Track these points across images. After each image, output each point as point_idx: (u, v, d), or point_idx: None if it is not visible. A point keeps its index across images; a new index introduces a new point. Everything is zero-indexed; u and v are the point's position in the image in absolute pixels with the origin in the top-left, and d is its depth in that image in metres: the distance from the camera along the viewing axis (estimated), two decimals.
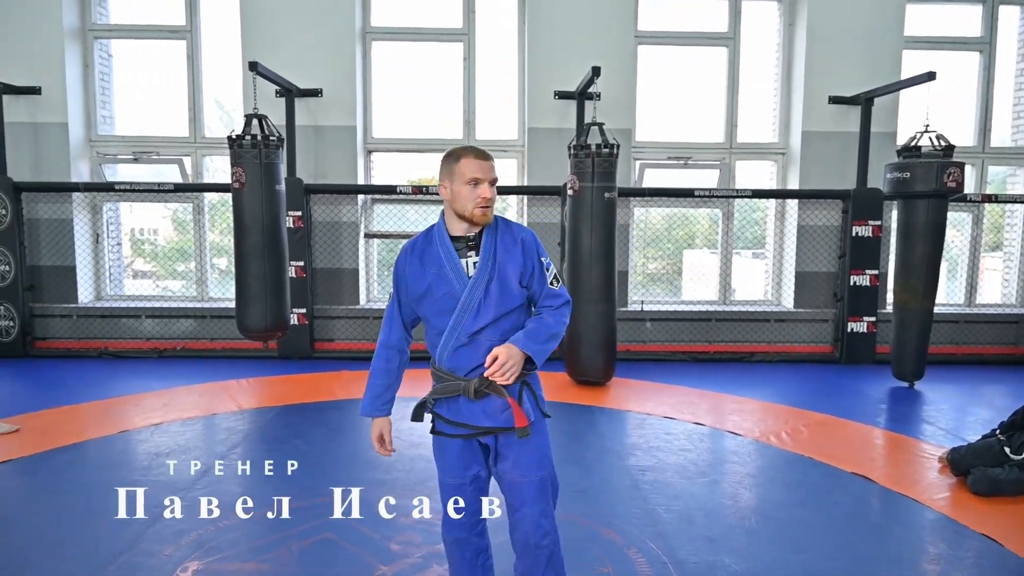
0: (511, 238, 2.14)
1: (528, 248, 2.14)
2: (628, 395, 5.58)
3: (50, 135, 6.86)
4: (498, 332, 2.10)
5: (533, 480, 2.14)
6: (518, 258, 2.11)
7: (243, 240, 5.58)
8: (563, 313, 2.16)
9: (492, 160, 2.12)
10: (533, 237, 2.18)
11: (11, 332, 6.69)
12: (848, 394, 5.76)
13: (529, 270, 2.13)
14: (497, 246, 2.12)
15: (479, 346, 2.09)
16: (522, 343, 2.05)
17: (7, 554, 2.93)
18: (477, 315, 2.08)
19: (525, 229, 2.20)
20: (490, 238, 2.13)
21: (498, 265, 2.10)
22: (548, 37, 6.82)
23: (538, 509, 2.14)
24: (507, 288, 2.10)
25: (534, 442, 2.15)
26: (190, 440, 4.39)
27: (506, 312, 2.11)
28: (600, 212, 5.61)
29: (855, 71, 6.81)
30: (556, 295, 2.16)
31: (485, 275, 2.09)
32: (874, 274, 6.74)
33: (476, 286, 2.09)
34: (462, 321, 2.09)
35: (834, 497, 3.64)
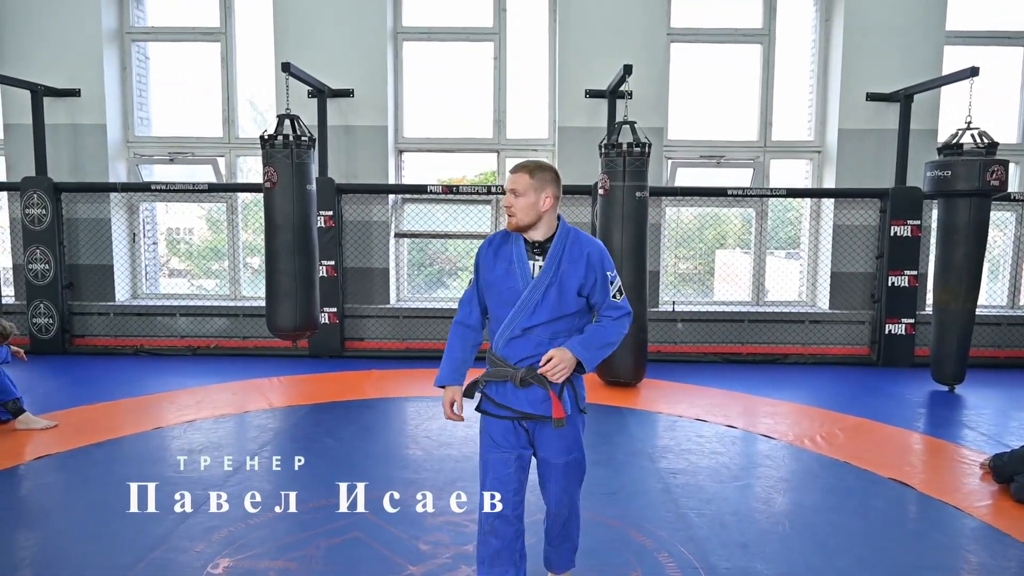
0: (579, 251, 2.30)
1: (592, 262, 2.29)
2: (659, 396, 5.52)
3: (89, 136, 7.02)
4: (549, 331, 2.30)
5: (560, 463, 2.38)
6: (580, 270, 2.28)
7: (274, 239, 5.64)
8: (622, 323, 2.34)
9: (518, 173, 2.30)
10: (601, 252, 2.34)
11: (50, 329, 6.86)
12: (885, 397, 5.62)
13: (591, 282, 2.30)
14: (563, 256, 2.30)
15: (531, 340, 2.29)
16: (576, 349, 2.24)
17: (45, 547, 2.99)
18: (533, 314, 2.28)
19: (595, 243, 2.35)
20: (558, 247, 2.31)
21: (560, 274, 2.28)
22: (579, 35, 6.78)
23: (560, 486, 2.41)
24: (565, 296, 2.28)
25: (568, 432, 2.36)
26: (222, 437, 4.44)
27: (560, 316, 2.29)
28: (631, 212, 5.55)
29: (894, 67, 6.64)
30: (617, 307, 2.33)
31: (547, 280, 2.28)
32: (913, 275, 6.56)
33: (536, 288, 2.28)
34: (519, 317, 2.29)
35: (871, 503, 3.54)
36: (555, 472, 2.39)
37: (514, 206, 2.27)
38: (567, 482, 2.41)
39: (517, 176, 2.28)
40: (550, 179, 2.30)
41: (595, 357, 2.27)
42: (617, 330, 2.32)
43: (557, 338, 2.30)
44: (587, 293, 2.31)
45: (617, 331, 2.32)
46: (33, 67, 6.81)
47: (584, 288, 2.29)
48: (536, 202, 2.27)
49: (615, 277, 2.33)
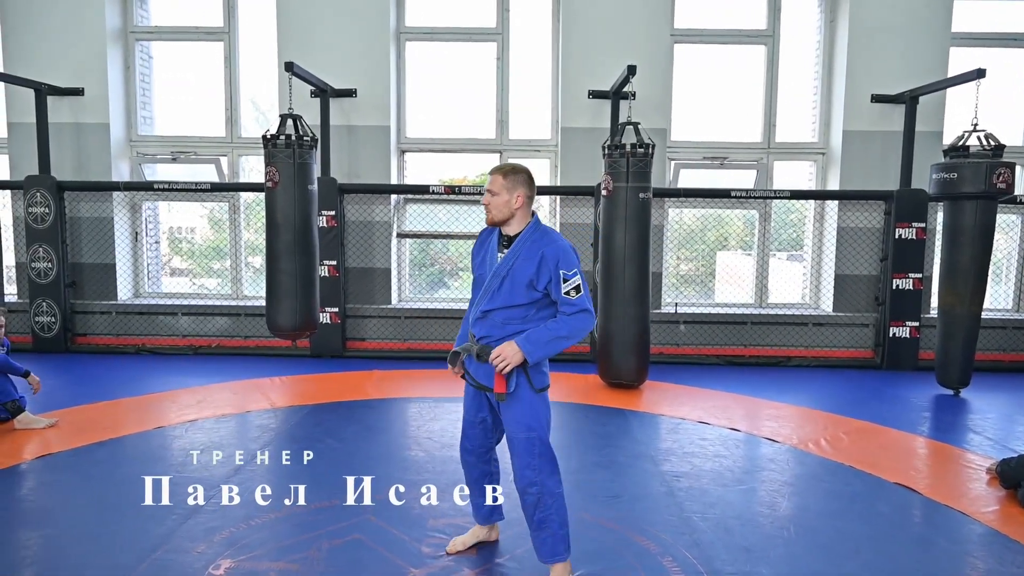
0: (535, 249, 2.54)
1: (546, 261, 2.52)
2: (661, 399, 5.49)
3: (92, 135, 7.01)
4: (503, 316, 2.59)
5: (521, 438, 2.59)
6: (532, 268, 2.52)
7: (275, 239, 5.63)
8: (578, 319, 2.51)
9: (494, 175, 2.60)
10: (556, 252, 2.52)
11: (52, 328, 6.85)
12: (890, 401, 5.59)
13: (545, 279, 2.52)
14: (521, 253, 2.57)
15: (488, 322, 2.61)
16: (522, 343, 2.49)
17: (46, 547, 2.98)
18: (490, 300, 2.60)
19: (553, 244, 2.55)
20: (519, 244, 2.59)
21: (513, 268, 2.56)
22: (582, 36, 6.76)
23: (522, 461, 2.60)
24: (516, 288, 2.55)
25: (525, 408, 2.60)
26: (224, 437, 4.42)
27: (512, 305, 2.57)
28: (634, 213, 5.53)
29: (899, 68, 6.62)
30: (570, 303, 2.52)
31: (503, 271, 2.58)
32: (918, 278, 6.53)
33: (495, 277, 2.59)
34: (482, 300, 2.62)
35: (876, 508, 3.52)
36: (515, 447, 2.62)
37: (490, 204, 2.60)
38: (529, 458, 2.59)
39: (493, 178, 2.59)
40: (522, 181, 2.59)
41: (539, 351, 2.50)
42: (570, 326, 2.51)
43: (510, 323, 2.57)
44: (542, 288, 2.53)
45: (569, 327, 2.51)
46: (37, 66, 6.80)
47: (537, 283, 2.52)
48: (509, 200, 2.57)
49: (572, 275, 2.51)
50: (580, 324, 2.51)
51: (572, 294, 2.51)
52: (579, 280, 2.52)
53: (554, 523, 2.61)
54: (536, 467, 2.59)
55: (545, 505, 2.60)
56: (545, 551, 2.65)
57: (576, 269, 2.53)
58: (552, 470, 2.62)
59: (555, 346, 2.51)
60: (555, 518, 2.61)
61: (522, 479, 2.60)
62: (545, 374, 2.65)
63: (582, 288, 2.53)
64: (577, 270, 2.53)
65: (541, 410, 2.62)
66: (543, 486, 2.59)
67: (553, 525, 2.61)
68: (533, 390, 2.59)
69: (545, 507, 2.60)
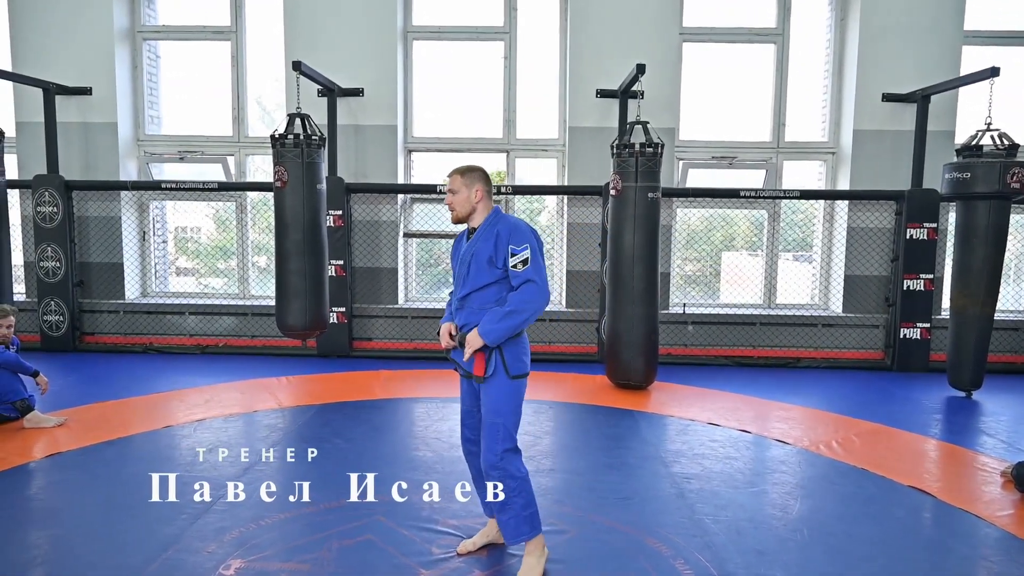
0: (492, 230, 2.72)
1: (500, 237, 2.68)
2: (670, 400, 5.46)
3: (100, 134, 7.02)
4: (479, 300, 2.72)
5: (487, 422, 2.72)
6: (490, 246, 2.69)
7: (284, 238, 5.61)
8: (524, 292, 2.64)
9: (452, 176, 2.80)
10: (511, 228, 2.69)
11: (61, 327, 6.86)
12: (901, 403, 5.54)
13: (502, 255, 2.67)
14: (480, 236, 2.74)
15: (467, 309, 2.76)
16: (480, 327, 2.65)
17: (55, 546, 2.96)
18: (463, 285, 2.76)
19: (508, 223, 2.72)
20: (480, 230, 2.76)
21: (475, 251, 2.72)
22: (590, 35, 6.73)
23: (487, 444, 2.71)
24: (480, 268, 2.70)
25: (495, 393, 2.71)
26: (232, 437, 4.41)
27: (480, 286, 2.71)
28: (643, 212, 5.50)
29: (911, 67, 6.57)
30: (516, 275, 2.65)
31: (467, 256, 2.74)
32: (929, 278, 6.48)
33: (463, 263, 2.77)
34: (457, 289, 2.81)
35: (889, 511, 3.48)
36: (484, 429, 2.73)
37: (453, 202, 2.78)
38: (493, 442, 2.69)
39: (452, 178, 2.78)
40: (478, 177, 2.78)
41: (494, 330, 2.61)
42: (517, 300, 2.62)
43: (485, 306, 2.70)
44: (501, 264, 2.67)
45: (517, 300, 2.62)
46: (45, 65, 6.81)
47: (496, 259, 2.67)
48: (469, 196, 2.76)
49: (521, 250, 2.64)
50: (528, 296, 2.61)
51: (519, 267, 2.64)
52: (528, 254, 2.63)
53: (516, 505, 2.69)
54: (498, 452, 2.68)
55: (508, 487, 2.68)
56: (508, 532, 2.72)
57: (527, 244, 2.64)
58: (514, 455, 2.71)
59: (508, 322, 2.61)
60: (518, 500, 2.69)
61: (485, 461, 2.71)
62: (523, 362, 2.74)
63: (531, 261, 2.63)
64: (528, 245, 2.64)
65: (511, 397, 2.72)
66: (504, 470, 2.68)
67: (516, 507, 2.69)
68: (508, 376, 2.69)
69: (507, 488, 2.68)
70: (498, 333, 2.62)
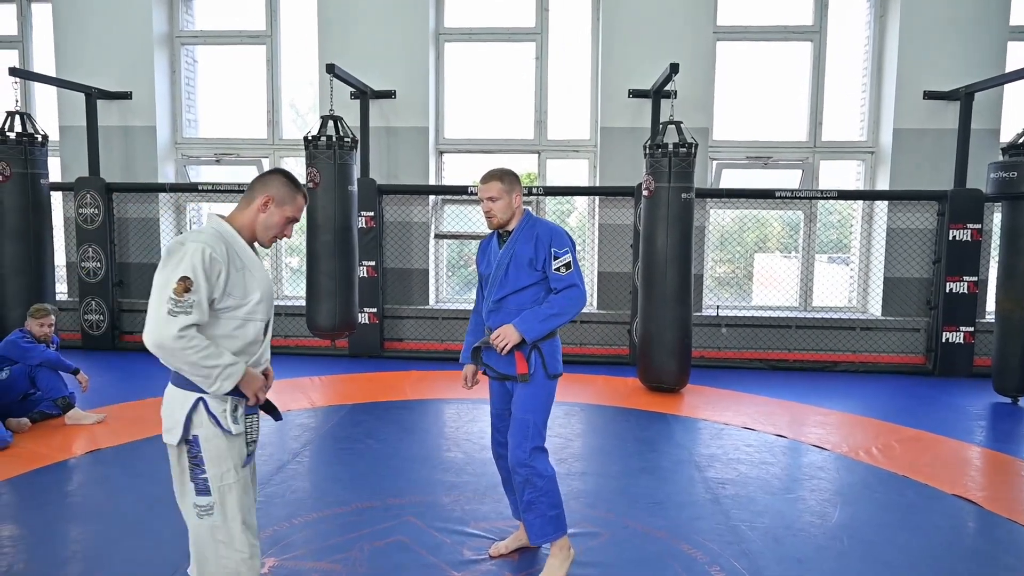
0: (530, 233, 2.72)
1: (540, 240, 2.69)
2: (703, 403, 5.38)
3: (139, 138, 7.18)
4: (516, 302, 2.71)
5: (518, 418, 2.69)
6: (530, 247, 2.69)
7: (315, 239, 5.67)
8: (566, 296, 2.66)
9: (491, 182, 2.71)
10: (550, 232, 2.71)
11: (101, 326, 7.02)
12: (944, 408, 5.38)
13: (542, 257, 2.68)
14: (518, 239, 2.73)
15: (503, 312, 2.73)
16: (517, 323, 2.64)
17: (96, 541, 3.02)
18: (499, 287, 2.73)
19: (549, 227, 2.74)
20: (516, 233, 2.74)
21: (514, 253, 2.71)
22: (623, 34, 6.68)
23: (515, 441, 2.68)
24: (520, 269, 2.70)
25: (532, 391, 2.70)
26: (265, 436, 4.45)
27: (521, 287, 2.70)
28: (676, 213, 5.43)
29: (953, 64, 6.39)
30: (560, 279, 2.67)
31: (506, 258, 2.72)
32: (973, 281, 6.28)
33: (500, 265, 2.73)
34: (492, 291, 2.76)
35: (932, 519, 3.37)
36: (513, 426, 2.70)
37: (492, 209, 2.71)
38: (523, 439, 2.66)
39: (490, 185, 2.71)
40: (517, 181, 2.75)
41: (534, 328, 2.63)
42: (561, 303, 2.65)
43: (523, 308, 2.69)
44: (540, 266, 2.68)
45: (561, 303, 2.65)
46: (87, 71, 6.99)
47: (536, 262, 2.68)
48: (510, 202, 2.72)
49: (563, 253, 2.67)
50: (569, 300, 2.65)
51: (562, 270, 2.66)
52: (570, 258, 2.67)
53: (543, 504, 2.66)
54: (527, 449, 2.66)
55: (534, 486, 2.65)
56: (534, 532, 2.70)
57: (567, 248, 2.68)
58: (542, 454, 2.70)
59: (549, 324, 2.64)
60: (544, 500, 2.66)
61: (513, 458, 2.69)
62: (558, 361, 2.77)
63: (572, 265, 2.67)
64: (568, 249, 2.68)
65: (545, 396, 2.72)
66: (532, 468, 2.66)
67: (542, 506, 2.66)
68: (546, 375, 2.70)
69: (534, 487, 2.65)
70: (538, 332, 2.64)
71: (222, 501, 2.05)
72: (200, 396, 2.03)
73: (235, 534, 2.05)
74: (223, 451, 2.05)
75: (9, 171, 6.11)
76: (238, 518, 2.06)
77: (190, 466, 2.07)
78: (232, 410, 2.05)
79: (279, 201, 2.12)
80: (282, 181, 2.14)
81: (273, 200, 2.11)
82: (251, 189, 2.14)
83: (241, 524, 2.07)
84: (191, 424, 2.05)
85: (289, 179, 2.16)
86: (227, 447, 2.05)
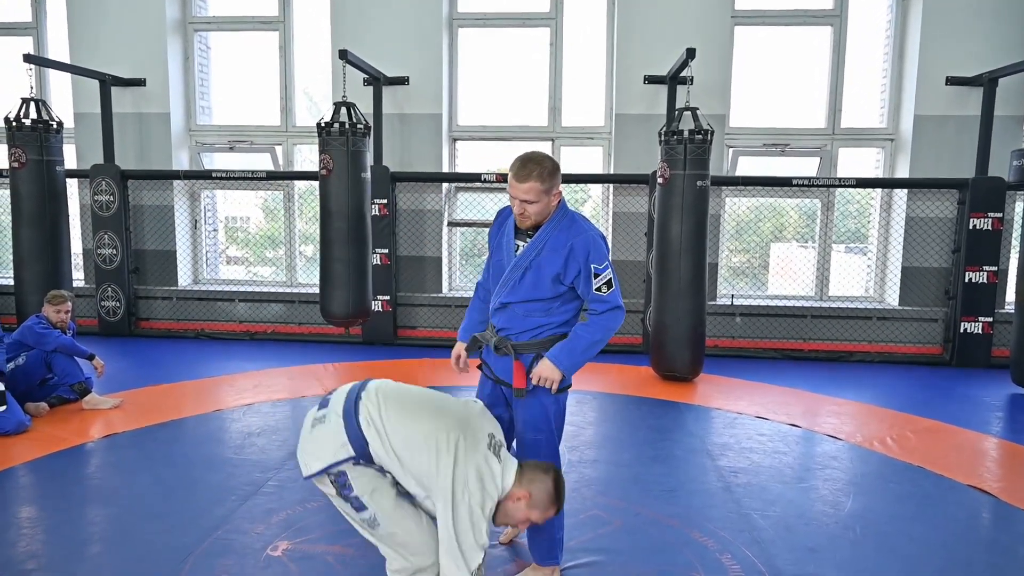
0: (564, 240, 2.34)
1: (576, 253, 2.33)
2: (717, 392, 5.35)
3: (153, 125, 7.20)
4: (524, 309, 2.43)
5: (528, 439, 2.49)
6: (559, 261, 2.33)
7: (328, 227, 5.68)
8: (609, 318, 2.37)
9: (529, 182, 2.28)
10: (588, 243, 2.34)
11: (118, 312, 7.08)
12: (961, 399, 5.32)
13: (574, 273, 2.35)
14: (546, 244, 2.36)
15: (508, 313, 2.45)
16: (560, 360, 2.35)
17: (114, 524, 3.06)
18: (511, 292, 2.42)
19: (585, 234, 2.36)
20: (544, 234, 2.37)
21: (539, 260, 2.36)
22: (639, 20, 6.60)
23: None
24: (541, 282, 2.37)
25: (537, 408, 2.45)
26: (280, 421, 4.49)
27: (535, 299, 2.40)
28: (691, 201, 5.38)
29: (977, 49, 6.25)
30: (602, 300, 2.36)
31: (524, 263, 2.39)
32: (992, 271, 6.18)
33: (516, 269, 2.40)
34: (501, 291, 2.45)
35: (949, 511, 3.34)
36: (521, 447, 2.51)
37: (527, 211, 2.34)
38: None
39: (529, 186, 2.28)
40: (556, 174, 2.34)
41: (578, 363, 2.38)
42: (603, 326, 2.37)
43: (531, 315, 2.42)
44: (569, 283, 2.37)
45: (603, 328, 2.37)
46: (101, 57, 7.00)
47: (564, 277, 2.35)
48: (548, 203, 2.35)
49: (603, 270, 2.35)
50: (613, 324, 2.38)
51: (604, 290, 2.35)
52: (611, 274, 2.37)
53: (552, 527, 2.51)
54: None
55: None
56: (541, 554, 2.59)
57: (607, 262, 2.38)
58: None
59: (591, 352, 2.38)
60: (554, 522, 2.49)
61: None
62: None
63: (614, 283, 2.38)
64: (608, 263, 2.38)
65: (554, 413, 2.49)
66: None
67: (551, 529, 2.51)
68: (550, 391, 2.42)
69: None
70: (580, 364, 2.38)
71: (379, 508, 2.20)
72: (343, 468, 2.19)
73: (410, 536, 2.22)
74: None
75: (25, 158, 6.15)
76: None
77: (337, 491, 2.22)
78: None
79: (534, 504, 2.21)
80: (550, 490, 2.23)
81: (529, 499, 2.20)
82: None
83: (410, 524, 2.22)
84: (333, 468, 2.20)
85: (558, 490, 2.25)
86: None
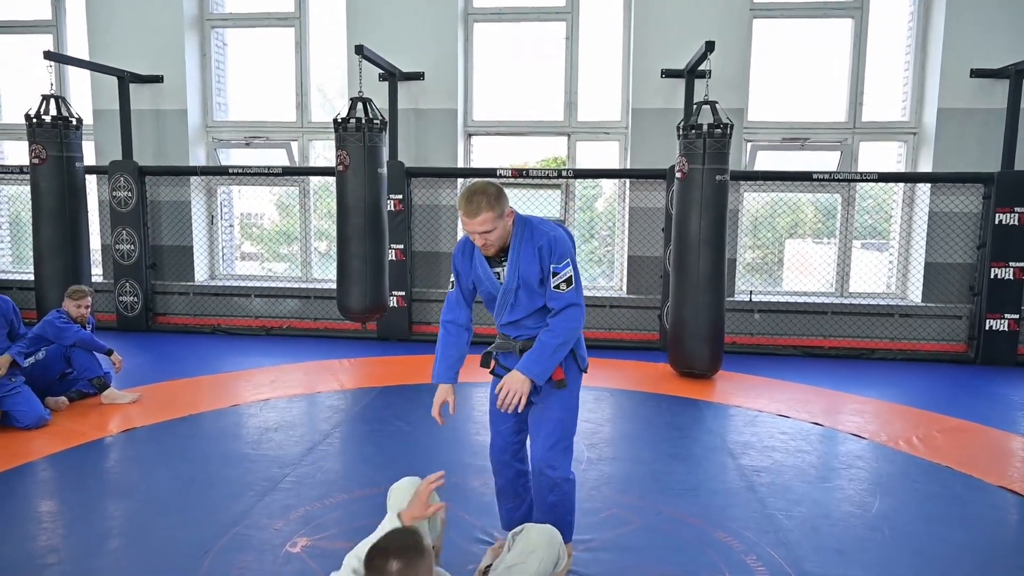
0: (532, 247, 2.42)
1: (543, 254, 2.41)
2: (736, 389, 5.28)
3: (171, 121, 7.22)
4: (532, 320, 2.50)
5: (551, 418, 2.50)
6: (535, 267, 2.42)
7: (345, 222, 5.66)
8: (567, 317, 2.41)
9: (481, 215, 2.31)
10: (552, 241, 2.41)
11: (135, 307, 7.12)
12: (987, 398, 5.22)
13: (546, 273, 2.42)
14: (521, 257, 2.44)
15: (519, 327, 2.54)
16: (524, 369, 2.40)
17: (133, 518, 3.06)
18: (510, 312, 2.51)
19: (547, 233, 2.43)
20: (515, 250, 2.44)
21: (521, 275, 2.44)
22: (656, 12, 6.52)
23: (550, 440, 2.50)
24: (533, 293, 2.46)
25: (565, 390, 2.52)
26: (296, 416, 4.48)
27: (535, 310, 2.48)
28: (710, 196, 5.31)
29: (1003, 41, 6.12)
30: (558, 298, 2.41)
31: (513, 284, 2.46)
32: (1019, 267, 6.06)
33: (507, 292, 2.47)
34: (501, 315, 2.54)
35: (977, 511, 3.27)
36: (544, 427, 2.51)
37: (488, 240, 2.38)
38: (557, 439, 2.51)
39: (483, 218, 2.31)
40: (502, 197, 2.36)
41: (545, 368, 2.40)
42: (564, 327, 2.40)
43: (541, 319, 2.48)
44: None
45: (564, 329, 2.40)
46: (119, 54, 7.03)
47: (547, 279, 2.43)
48: (504, 226, 2.39)
49: (562, 268, 2.40)
50: (573, 323, 2.42)
51: (562, 287, 2.40)
52: (570, 271, 2.41)
53: (563, 508, 2.57)
54: (559, 449, 2.53)
55: (561, 489, 2.54)
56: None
57: (568, 259, 2.42)
58: (570, 454, 2.59)
59: (557, 355, 2.42)
60: (566, 503, 2.57)
61: (543, 459, 2.51)
62: (585, 351, 2.63)
63: (574, 281, 2.42)
64: (569, 260, 2.42)
65: (577, 391, 2.59)
66: (563, 469, 2.53)
67: (562, 510, 2.57)
68: (580, 369, 2.58)
69: (560, 491, 2.54)
70: (550, 368, 2.43)
71: None
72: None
73: None
74: None
75: (45, 154, 6.19)
76: None
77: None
78: None
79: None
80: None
81: None
82: None
83: None
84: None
85: None
86: None
